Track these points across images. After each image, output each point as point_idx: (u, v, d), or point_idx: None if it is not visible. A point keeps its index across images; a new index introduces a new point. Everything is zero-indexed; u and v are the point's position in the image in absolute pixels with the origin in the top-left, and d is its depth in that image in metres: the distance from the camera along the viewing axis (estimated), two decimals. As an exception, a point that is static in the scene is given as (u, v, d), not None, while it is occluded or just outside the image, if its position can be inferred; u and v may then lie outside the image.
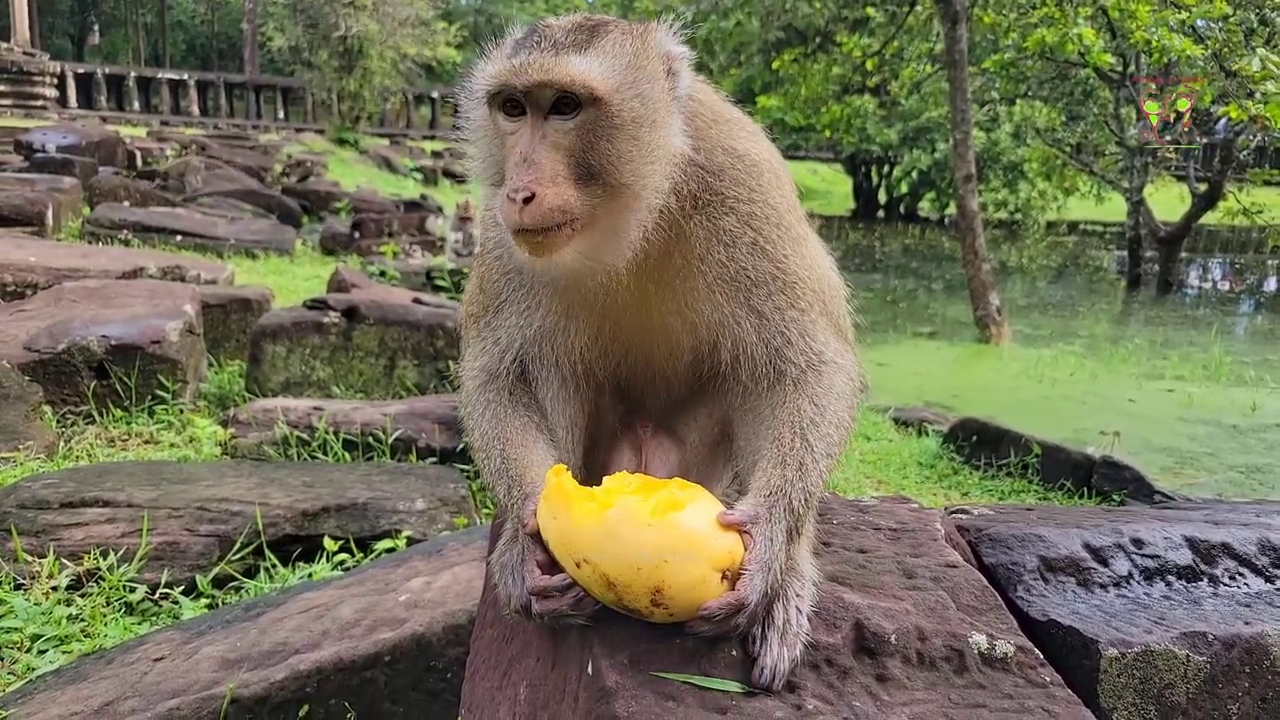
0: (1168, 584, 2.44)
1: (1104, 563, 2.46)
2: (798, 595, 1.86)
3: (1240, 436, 10.34)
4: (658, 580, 1.68)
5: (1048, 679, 1.92)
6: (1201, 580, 2.46)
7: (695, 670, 1.80)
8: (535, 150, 1.80)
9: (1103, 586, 2.41)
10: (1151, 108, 18.65)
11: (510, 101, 1.85)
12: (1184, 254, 26.39)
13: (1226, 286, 28.65)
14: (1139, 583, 2.43)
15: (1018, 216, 35.96)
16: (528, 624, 2.20)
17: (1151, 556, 2.48)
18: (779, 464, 1.92)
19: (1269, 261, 32.69)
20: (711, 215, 1.98)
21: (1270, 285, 29.56)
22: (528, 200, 1.75)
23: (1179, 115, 17.21)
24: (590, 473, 2.28)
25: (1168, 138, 19.47)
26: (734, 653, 1.82)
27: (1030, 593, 2.37)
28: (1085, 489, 6.76)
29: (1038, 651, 1.98)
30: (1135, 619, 2.22)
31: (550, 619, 1.86)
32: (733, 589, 1.73)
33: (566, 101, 1.80)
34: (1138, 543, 2.51)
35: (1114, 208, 31.04)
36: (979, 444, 7.64)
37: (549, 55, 1.79)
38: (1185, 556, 2.49)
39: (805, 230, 2.19)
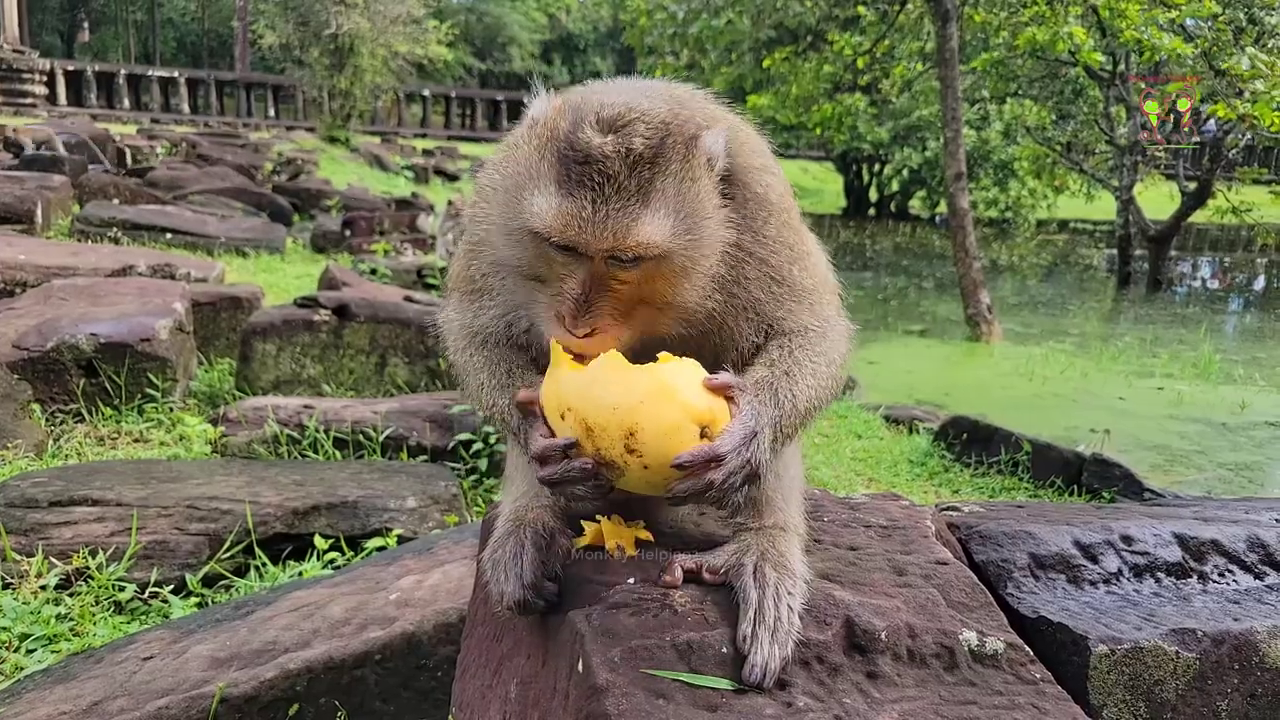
0: (1157, 581, 2.45)
1: (1094, 560, 2.47)
2: (789, 593, 1.87)
3: (1229, 434, 10.39)
4: (632, 422, 1.71)
5: (1038, 676, 1.92)
6: (1191, 577, 2.47)
7: (686, 668, 1.81)
8: (595, 294, 1.80)
9: (1093, 584, 2.42)
10: (1151, 107, 18.73)
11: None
12: (1173, 252, 26.47)
13: (1216, 285, 28.77)
14: (1129, 580, 2.44)
15: (1008, 215, 36.02)
16: (519, 621, 2.20)
17: (1141, 553, 2.49)
18: (767, 364, 1.95)
19: (1257, 260, 32.84)
20: (733, 265, 1.95)
21: (1259, 284, 29.68)
22: (588, 335, 1.81)
23: (1178, 115, 17.27)
24: None
25: (1161, 136, 19.57)
26: (724, 650, 1.83)
27: (1020, 590, 2.37)
28: (1075, 486, 6.78)
29: (1028, 648, 1.98)
30: (1125, 616, 2.23)
31: (556, 490, 1.84)
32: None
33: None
34: (1128, 540, 2.52)
35: (1103, 206, 31.11)
36: (969, 442, 7.66)
37: (617, 215, 1.73)
38: (1175, 553, 2.50)
39: (806, 234, 2.19)
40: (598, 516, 2.23)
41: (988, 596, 2.09)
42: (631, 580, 2.02)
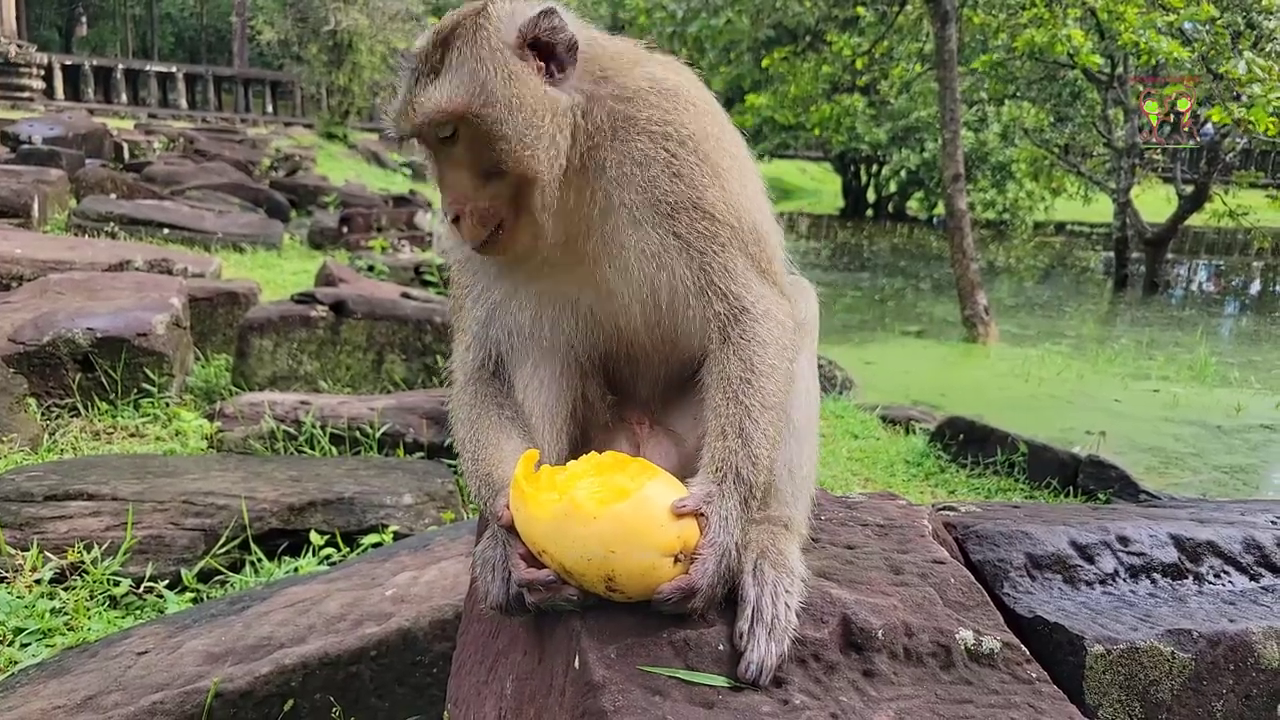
0: (1153, 582, 2.46)
1: (1090, 560, 2.47)
2: (786, 591, 1.87)
3: (1225, 437, 10.41)
4: (608, 570, 1.76)
5: (1034, 675, 1.92)
6: (1187, 578, 2.48)
7: (682, 665, 1.81)
8: (443, 174, 2.00)
9: (1089, 584, 2.42)
10: (1151, 108, 18.76)
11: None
12: (1170, 255, 26.51)
13: (1212, 288, 28.80)
14: (1125, 580, 2.45)
15: (1005, 217, 36.03)
16: (509, 620, 2.20)
17: (1138, 554, 2.49)
18: (720, 435, 1.94)
19: (1254, 263, 32.88)
20: (623, 139, 2.02)
21: (1255, 287, 29.72)
22: (456, 220, 1.98)
23: (1178, 115, 17.28)
24: None
25: (1161, 137, 19.58)
26: (721, 647, 1.83)
27: (1017, 589, 2.38)
28: (1071, 488, 6.79)
29: (1024, 648, 1.99)
30: (1121, 616, 2.23)
31: (542, 607, 1.89)
32: (686, 573, 1.78)
33: (444, 126, 1.95)
34: (1124, 540, 2.53)
35: (1100, 209, 31.16)
36: (966, 442, 7.67)
37: (415, 94, 1.95)
38: (1171, 554, 2.51)
39: (732, 166, 2.12)
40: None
41: (984, 596, 2.09)
42: (628, 577, 2.02)
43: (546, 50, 1.98)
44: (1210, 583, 2.47)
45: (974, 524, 2.59)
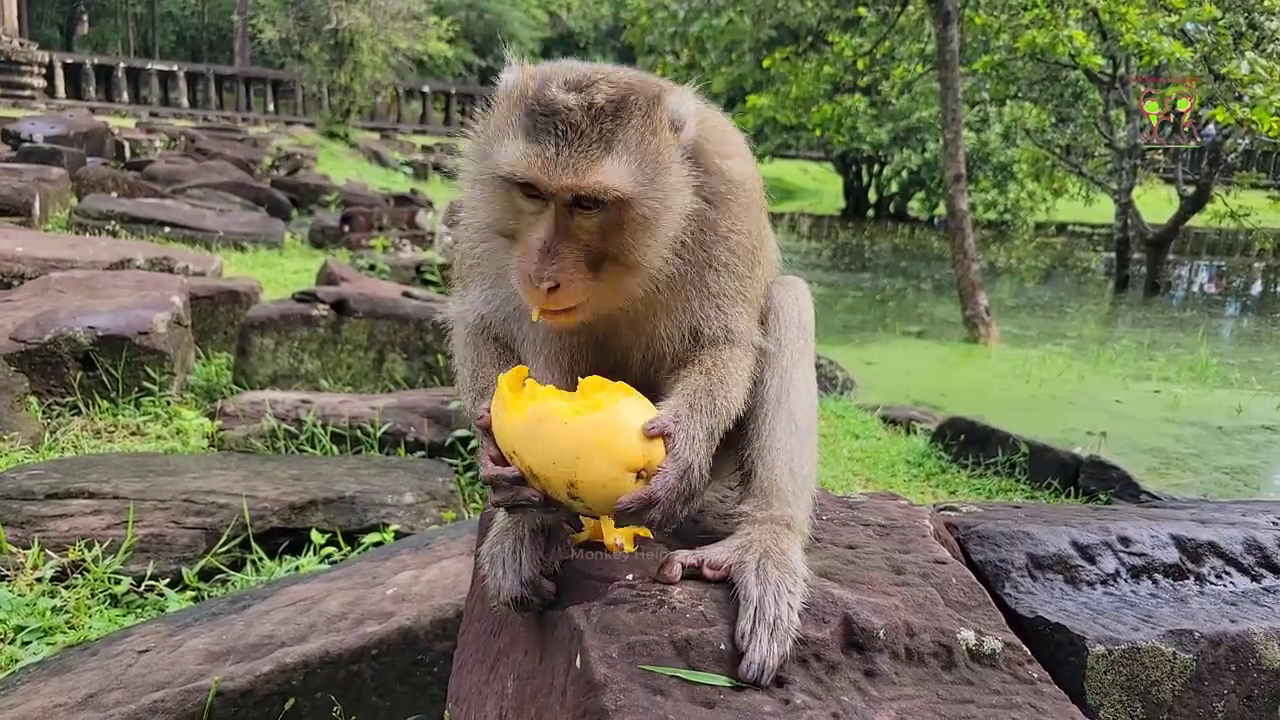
0: (1154, 582, 2.46)
1: (1091, 560, 2.47)
2: (789, 591, 1.87)
3: (1225, 438, 10.40)
4: (570, 475, 1.79)
5: (1035, 675, 1.92)
6: (1188, 579, 2.48)
7: (684, 664, 1.81)
8: (558, 242, 1.87)
9: (1090, 584, 2.42)
10: (1151, 107, 18.75)
11: (530, 186, 1.89)
12: (1171, 256, 26.49)
13: (1213, 289, 28.79)
14: (1126, 581, 2.45)
15: (1006, 217, 35.99)
16: (516, 617, 2.20)
17: (1139, 555, 2.49)
18: (704, 372, 2.02)
19: (1255, 264, 32.85)
20: (701, 242, 2.04)
21: (1256, 288, 29.70)
22: (552, 289, 1.86)
23: (1178, 115, 17.28)
24: None
25: (1161, 137, 19.56)
26: (723, 647, 1.83)
27: (1018, 590, 2.37)
28: (1073, 488, 6.78)
29: (1025, 648, 1.99)
30: (1122, 616, 2.23)
31: (511, 513, 1.94)
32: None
33: (592, 201, 1.86)
34: (1125, 541, 2.53)
35: (1101, 210, 31.12)
36: (967, 443, 7.67)
37: (579, 157, 1.82)
38: (1172, 555, 2.51)
39: (767, 236, 2.25)
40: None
41: (986, 596, 2.09)
42: (630, 576, 2.03)
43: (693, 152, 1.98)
44: (1211, 583, 2.47)
45: (975, 524, 2.59)
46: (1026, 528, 2.54)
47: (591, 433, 1.80)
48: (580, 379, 1.94)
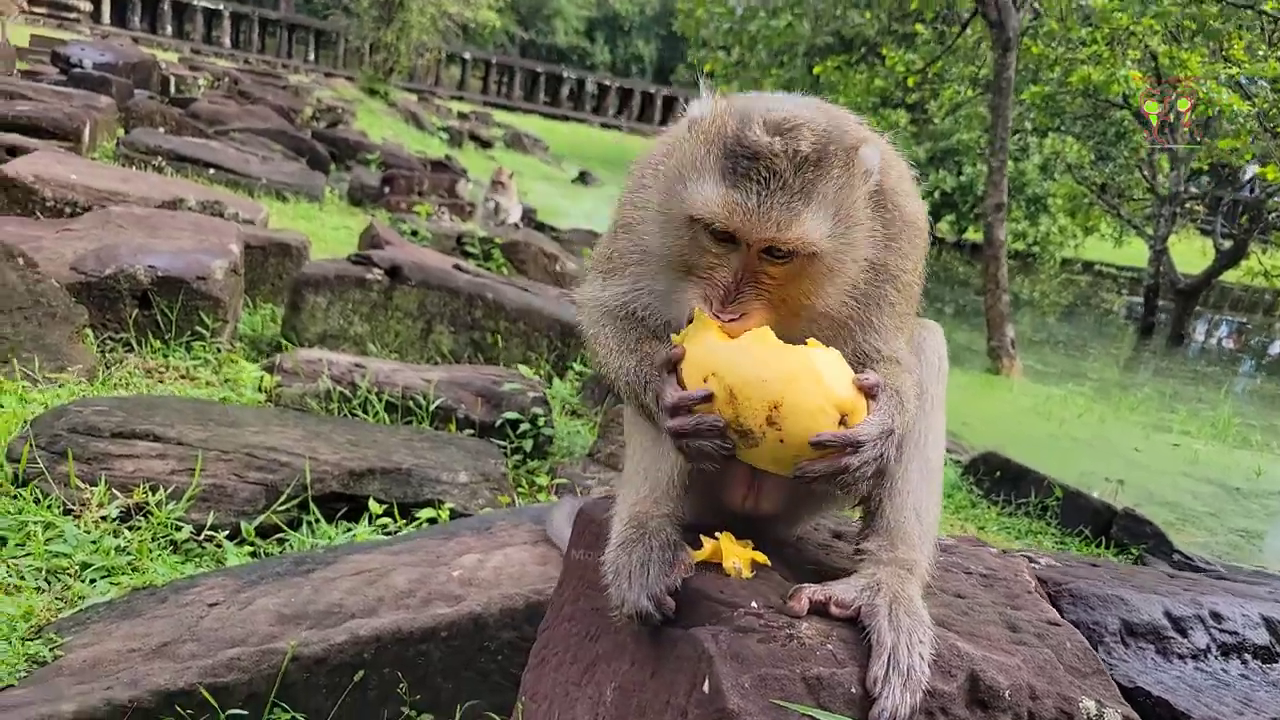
0: (1244, 662, 2.49)
1: (1184, 633, 2.50)
2: (921, 641, 1.89)
3: (1242, 500, 10.39)
4: (778, 395, 1.79)
5: (1151, 750, 1.96)
6: (1277, 662, 2.51)
7: (814, 703, 1.84)
8: (745, 285, 1.91)
9: (1181, 658, 2.45)
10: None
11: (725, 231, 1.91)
12: (1196, 308, 26.45)
13: (1232, 345, 28.73)
14: (1216, 658, 2.48)
15: (1035, 249, 35.94)
16: (621, 625, 2.22)
17: (1230, 633, 2.53)
18: (894, 379, 2.03)
19: (1276, 325, 32.77)
20: (873, 280, 2.08)
21: (1275, 348, 29.63)
22: (738, 316, 1.91)
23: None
24: (694, 485, 2.30)
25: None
26: (854, 690, 1.86)
27: (1112, 655, 2.41)
28: (1104, 538, 6.79)
29: (1142, 721, 2.01)
30: (1222, 697, 2.26)
31: (682, 443, 1.92)
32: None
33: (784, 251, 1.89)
34: (1217, 617, 2.56)
35: (1129, 253, 31.06)
36: (1000, 480, 7.68)
37: (780, 209, 1.84)
38: (1263, 636, 2.54)
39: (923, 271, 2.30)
40: (715, 533, 2.26)
41: (1099, 663, 2.12)
42: (754, 604, 2.04)
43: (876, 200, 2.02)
44: (1299, 669, 2.50)
45: (1066, 581, 2.62)
46: (1119, 591, 2.58)
47: (808, 362, 1.81)
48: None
